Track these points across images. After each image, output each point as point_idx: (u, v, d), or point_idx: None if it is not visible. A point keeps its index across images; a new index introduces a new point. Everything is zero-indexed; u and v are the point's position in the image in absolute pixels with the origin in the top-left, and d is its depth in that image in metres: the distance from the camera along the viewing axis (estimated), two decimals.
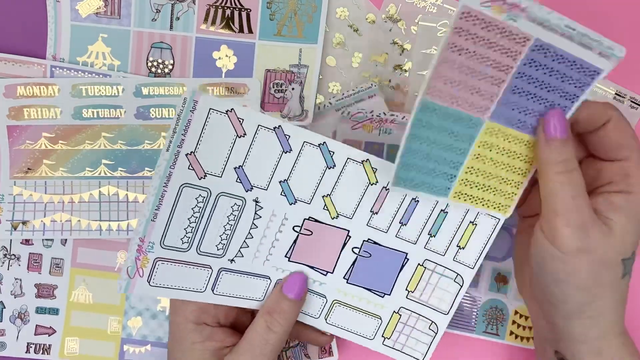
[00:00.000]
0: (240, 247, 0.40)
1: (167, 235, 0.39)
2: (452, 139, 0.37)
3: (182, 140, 0.37)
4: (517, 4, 0.33)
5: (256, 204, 0.40)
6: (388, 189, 0.40)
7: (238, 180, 0.39)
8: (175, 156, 0.38)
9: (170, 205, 0.38)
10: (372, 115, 0.48)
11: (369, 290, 0.42)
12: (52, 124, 0.48)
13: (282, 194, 0.40)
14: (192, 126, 0.37)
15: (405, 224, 0.41)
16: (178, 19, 0.48)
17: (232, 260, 0.40)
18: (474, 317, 0.50)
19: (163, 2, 0.48)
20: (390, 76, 0.50)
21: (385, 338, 0.43)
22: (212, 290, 0.40)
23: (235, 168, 0.39)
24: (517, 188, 0.40)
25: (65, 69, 0.48)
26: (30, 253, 0.49)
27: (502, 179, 0.39)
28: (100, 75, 0.48)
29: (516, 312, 0.50)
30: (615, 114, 0.37)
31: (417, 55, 0.49)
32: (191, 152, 0.38)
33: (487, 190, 0.40)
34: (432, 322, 0.43)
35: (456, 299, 0.43)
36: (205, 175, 0.38)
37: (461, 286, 0.42)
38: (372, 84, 0.49)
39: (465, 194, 0.40)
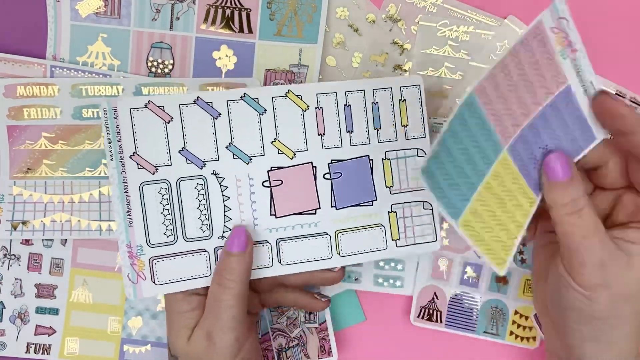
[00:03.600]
0: (225, 222, 0.41)
1: (150, 234, 0.40)
2: (477, 154, 0.36)
3: (120, 145, 0.40)
4: (573, 44, 0.34)
5: (216, 177, 0.41)
6: (320, 107, 0.42)
7: (189, 162, 0.40)
8: (121, 162, 0.40)
9: (140, 207, 0.40)
10: None
11: (359, 205, 0.43)
12: (52, 124, 0.48)
13: (235, 157, 0.41)
14: (123, 130, 0.40)
15: (352, 131, 0.43)
16: (178, 18, 0.48)
17: (222, 237, 0.41)
18: (474, 317, 0.50)
19: (163, 2, 0.48)
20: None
21: (395, 241, 0.44)
22: None
23: (179, 152, 0.40)
24: (513, 241, 0.38)
25: (65, 69, 0.48)
26: (30, 253, 0.49)
27: (501, 225, 0.38)
28: (100, 75, 0.48)
29: (516, 312, 0.50)
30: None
31: (417, 55, 0.49)
32: (134, 153, 0.40)
33: (489, 231, 0.38)
34: (423, 201, 0.44)
35: None
36: (157, 169, 0.40)
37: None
38: None
39: (472, 226, 0.38)
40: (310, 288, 0.48)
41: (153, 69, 0.49)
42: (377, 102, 0.43)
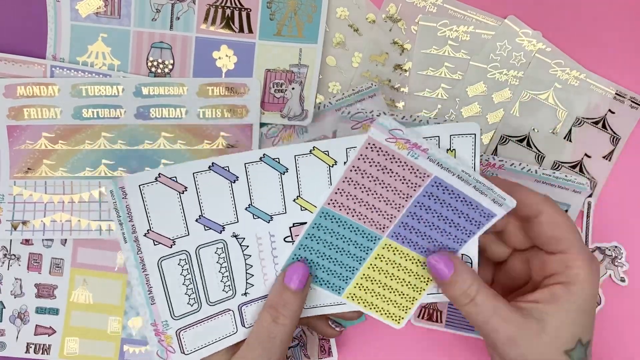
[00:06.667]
0: (247, 280, 0.40)
1: (174, 307, 0.39)
2: (350, 247, 0.39)
3: (132, 226, 0.37)
4: (419, 145, 0.36)
5: (236, 238, 0.39)
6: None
7: (207, 228, 0.39)
8: (136, 243, 0.38)
9: (160, 283, 0.38)
10: (372, 115, 0.48)
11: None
12: (52, 124, 0.48)
13: (255, 217, 0.39)
14: (134, 210, 0.37)
15: None
16: (178, 18, 0.48)
17: (245, 293, 0.40)
18: None
19: (163, 2, 0.48)
20: (390, 76, 0.50)
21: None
22: (244, 326, 0.40)
23: (197, 220, 0.38)
24: (412, 303, 0.41)
25: (65, 69, 0.48)
26: (30, 253, 0.49)
27: (397, 291, 0.41)
28: (100, 75, 0.48)
29: None
30: (546, 208, 0.38)
31: (417, 55, 0.49)
32: (148, 231, 0.38)
33: (380, 298, 0.41)
34: None
35: None
36: (174, 242, 0.38)
37: None
38: (372, 84, 0.49)
39: (359, 297, 0.41)
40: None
41: (153, 69, 0.49)
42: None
